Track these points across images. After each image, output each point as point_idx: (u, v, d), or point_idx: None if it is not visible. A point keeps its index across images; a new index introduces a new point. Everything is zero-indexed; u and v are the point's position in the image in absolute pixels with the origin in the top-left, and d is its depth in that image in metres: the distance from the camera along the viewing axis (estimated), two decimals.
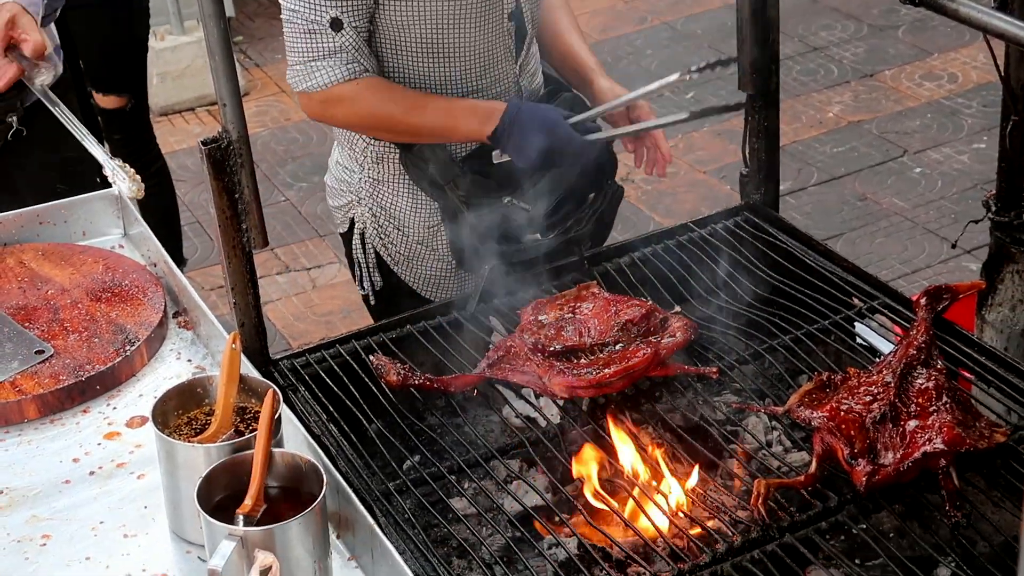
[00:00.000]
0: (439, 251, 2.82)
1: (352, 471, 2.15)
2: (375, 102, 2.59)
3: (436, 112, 2.61)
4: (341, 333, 2.55)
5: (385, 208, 2.80)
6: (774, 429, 2.38)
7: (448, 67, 2.63)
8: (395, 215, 2.80)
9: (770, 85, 2.74)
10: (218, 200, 2.21)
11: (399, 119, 2.60)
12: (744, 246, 2.68)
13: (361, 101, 2.58)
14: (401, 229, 2.81)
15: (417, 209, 2.77)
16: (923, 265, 4.83)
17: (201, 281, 4.95)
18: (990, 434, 2.09)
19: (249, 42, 6.97)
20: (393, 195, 2.78)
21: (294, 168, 5.82)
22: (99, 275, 2.54)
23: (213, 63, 2.13)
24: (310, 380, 2.39)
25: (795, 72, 6.20)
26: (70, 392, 2.25)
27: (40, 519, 2.01)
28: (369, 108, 2.59)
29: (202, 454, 1.89)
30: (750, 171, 2.83)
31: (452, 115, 2.61)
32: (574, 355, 2.30)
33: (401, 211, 2.79)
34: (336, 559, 1.90)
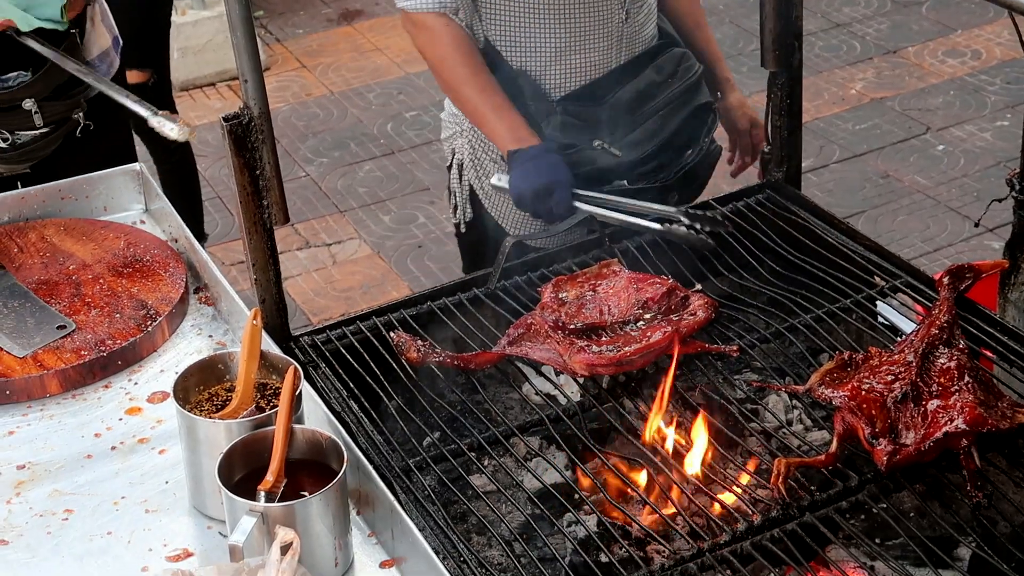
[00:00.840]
0: None
1: (372, 448, 2.15)
2: (449, 51, 2.70)
3: (485, 100, 2.71)
4: (361, 309, 2.55)
5: (484, 141, 2.89)
6: (794, 408, 2.37)
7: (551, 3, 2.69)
8: (493, 148, 2.88)
9: (793, 62, 2.72)
10: (239, 176, 2.21)
11: (455, 79, 2.72)
12: (765, 224, 2.67)
13: (439, 40, 2.70)
14: (497, 162, 2.89)
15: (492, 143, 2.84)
16: (945, 243, 4.81)
17: (222, 256, 4.96)
18: (1012, 414, 2.08)
19: (270, 17, 6.97)
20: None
21: (315, 143, 5.82)
22: (120, 250, 2.55)
23: (234, 38, 2.12)
24: (331, 356, 2.39)
25: (817, 48, 6.16)
26: (92, 367, 2.25)
27: (62, 494, 2.02)
28: (441, 51, 2.71)
29: (223, 430, 1.89)
30: (772, 148, 2.82)
31: (496, 113, 2.70)
32: (594, 333, 2.29)
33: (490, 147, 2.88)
34: (356, 535, 1.91)
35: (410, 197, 5.41)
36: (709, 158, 2.90)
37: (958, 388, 2.09)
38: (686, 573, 1.93)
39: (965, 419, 2.02)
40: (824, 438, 2.27)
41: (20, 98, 2.88)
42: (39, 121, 2.89)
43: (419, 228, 5.19)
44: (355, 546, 1.88)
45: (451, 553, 1.94)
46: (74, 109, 2.98)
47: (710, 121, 2.90)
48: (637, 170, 2.78)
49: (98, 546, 1.92)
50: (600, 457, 2.17)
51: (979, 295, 2.45)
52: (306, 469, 1.87)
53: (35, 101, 2.89)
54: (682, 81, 2.82)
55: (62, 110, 2.95)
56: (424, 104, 6.11)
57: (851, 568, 1.97)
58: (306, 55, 6.62)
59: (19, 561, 1.90)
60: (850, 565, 1.98)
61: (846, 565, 1.97)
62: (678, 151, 2.83)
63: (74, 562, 1.89)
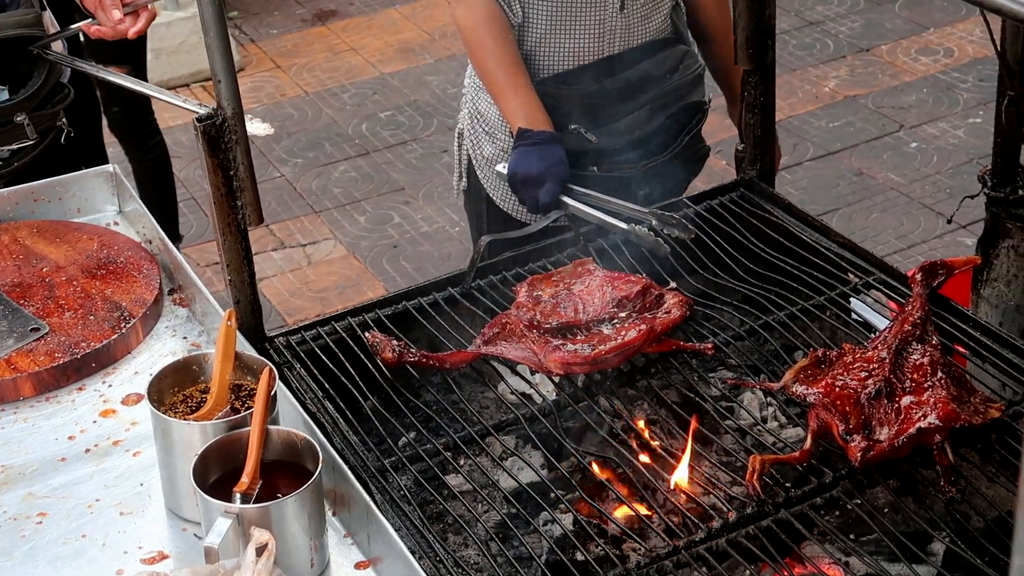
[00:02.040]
0: None
1: (348, 448, 2.15)
2: (481, 22, 2.75)
3: (507, 76, 2.76)
4: (336, 309, 2.55)
5: (481, 113, 2.95)
6: (769, 405, 2.38)
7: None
8: (487, 120, 2.94)
9: (766, 60, 2.73)
10: (213, 177, 2.20)
11: (482, 51, 2.78)
12: (740, 222, 2.68)
13: (474, 11, 2.76)
14: (491, 134, 2.94)
15: (504, 119, 2.86)
16: (919, 240, 4.83)
17: (196, 258, 4.95)
18: (985, 409, 2.10)
19: (244, 17, 6.95)
20: (488, 103, 2.92)
21: (289, 144, 5.81)
22: (94, 252, 2.54)
23: (207, 38, 2.12)
24: (305, 357, 2.38)
25: (791, 47, 6.18)
26: (65, 370, 2.24)
27: (36, 497, 2.01)
28: (473, 22, 2.77)
29: (198, 432, 1.89)
30: (746, 146, 2.83)
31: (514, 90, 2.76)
32: (569, 332, 2.30)
33: (492, 118, 2.92)
34: (332, 536, 1.90)
35: (385, 197, 5.41)
36: (690, 157, 2.90)
37: (931, 384, 2.10)
38: (662, 571, 1.93)
39: (938, 415, 2.03)
40: (798, 435, 2.28)
41: (10, 114, 2.87)
42: (31, 133, 2.88)
43: (394, 228, 5.19)
44: (331, 547, 1.88)
45: (427, 553, 1.94)
46: (59, 117, 2.97)
47: (695, 120, 2.91)
48: (612, 159, 2.80)
49: (72, 549, 1.91)
50: (576, 456, 2.17)
51: (952, 292, 2.46)
52: (281, 470, 1.87)
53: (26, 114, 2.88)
54: (681, 77, 2.84)
55: (46, 119, 2.94)
56: (399, 104, 6.10)
57: (826, 564, 1.98)
58: (280, 55, 6.61)
59: None
60: (825, 561, 1.99)
61: (821, 561, 1.98)
62: (659, 146, 2.84)
63: (48, 565, 1.89)
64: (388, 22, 6.91)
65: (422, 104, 6.08)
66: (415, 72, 6.38)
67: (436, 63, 6.41)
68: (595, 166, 2.82)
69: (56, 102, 2.96)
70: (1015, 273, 2.73)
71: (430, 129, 5.83)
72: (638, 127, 2.81)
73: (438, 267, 4.81)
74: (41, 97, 2.90)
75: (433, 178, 5.45)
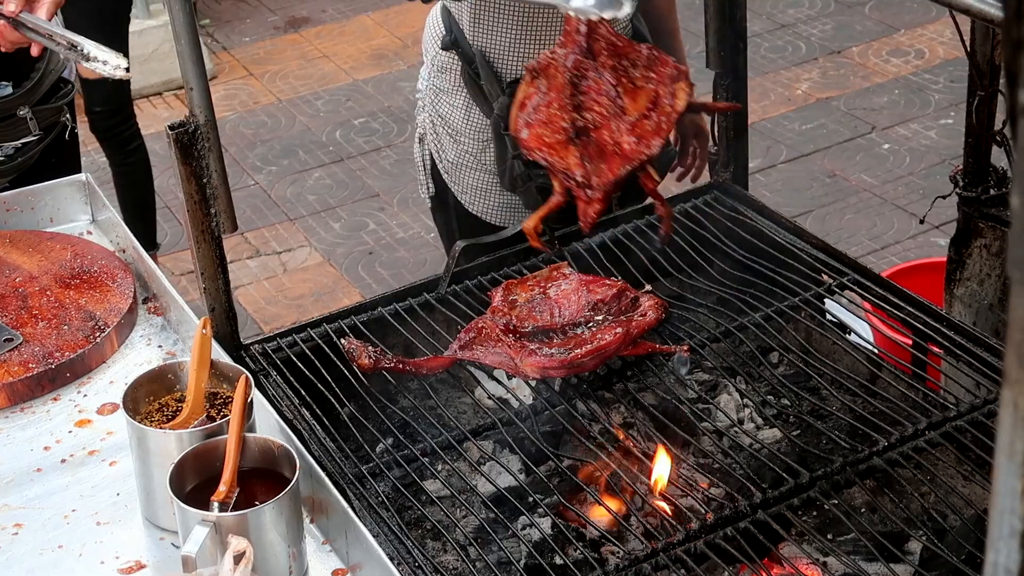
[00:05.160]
0: (487, 165, 2.90)
1: (325, 455, 2.15)
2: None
3: None
4: (312, 316, 2.54)
5: (443, 116, 2.93)
6: (746, 407, 2.39)
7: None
8: (451, 124, 2.92)
9: (738, 63, 2.74)
10: (186, 185, 2.20)
11: None
12: (714, 224, 2.69)
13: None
14: (454, 137, 2.92)
15: (470, 122, 2.87)
16: (892, 241, 4.85)
17: (171, 266, 4.93)
18: (673, 97, 2.28)
19: (216, 25, 6.93)
20: (451, 106, 2.91)
21: (263, 151, 5.80)
22: (67, 262, 2.53)
23: (179, 46, 2.11)
24: (281, 364, 2.38)
25: (763, 49, 6.21)
26: (40, 380, 2.23)
27: (11, 508, 2.00)
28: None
29: (174, 440, 1.88)
30: (719, 149, 2.84)
31: None
32: (545, 336, 2.30)
33: (456, 121, 2.91)
34: (310, 543, 1.90)
35: (360, 204, 5.40)
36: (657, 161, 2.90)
37: (616, 111, 2.22)
38: (640, 573, 1.94)
39: (639, 145, 2.22)
40: (775, 436, 2.29)
41: (13, 108, 2.86)
42: (34, 127, 2.87)
43: (369, 235, 5.18)
44: (309, 554, 1.88)
45: (406, 559, 1.94)
46: (61, 113, 2.96)
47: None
48: None
49: (49, 560, 1.90)
50: (553, 460, 2.17)
51: (926, 291, 2.47)
52: (259, 478, 1.86)
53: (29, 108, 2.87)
54: None
55: (50, 114, 2.93)
56: (372, 110, 6.10)
57: (804, 564, 1.99)
58: (253, 63, 6.60)
59: None
60: (803, 561, 2.00)
61: (799, 561, 1.99)
62: None
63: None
64: (360, 29, 6.90)
65: (395, 110, 6.08)
66: (388, 78, 6.38)
67: (409, 69, 6.41)
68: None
69: (59, 97, 2.95)
70: (988, 272, 2.74)
71: (404, 135, 5.83)
72: None
73: (414, 273, 4.80)
74: (43, 92, 2.89)
75: (408, 184, 5.45)
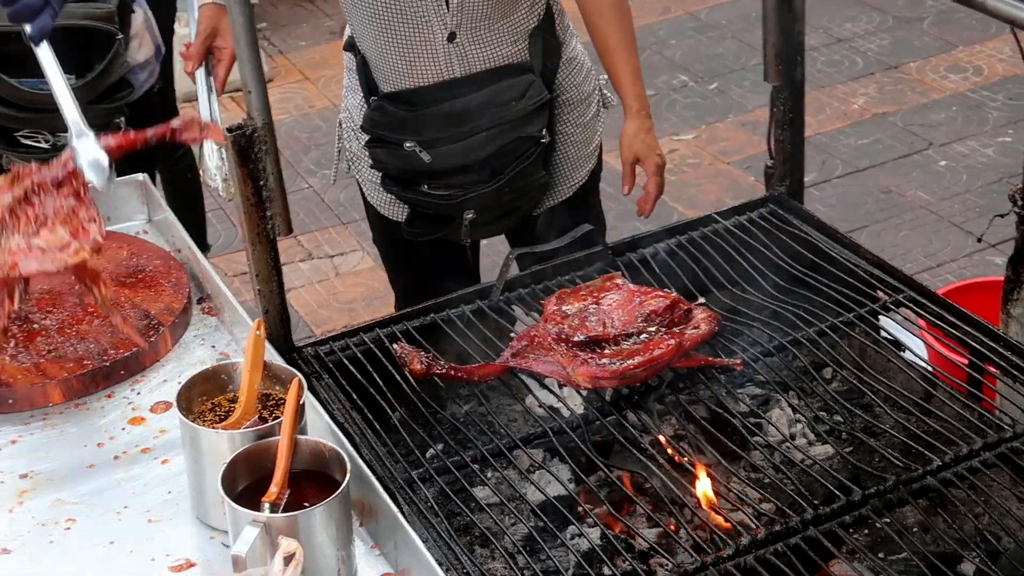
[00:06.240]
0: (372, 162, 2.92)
1: (375, 459, 2.15)
2: None
3: None
4: (364, 321, 2.55)
5: (349, 110, 2.99)
6: (798, 422, 2.37)
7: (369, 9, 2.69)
8: (354, 118, 2.96)
9: (795, 76, 2.73)
10: (242, 187, 2.21)
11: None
12: (769, 238, 2.68)
13: None
14: (355, 131, 2.96)
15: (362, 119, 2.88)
16: (948, 259, 4.80)
17: (224, 267, 4.96)
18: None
19: (272, 29, 6.97)
20: (353, 103, 2.95)
21: (317, 155, 5.82)
22: (124, 260, 2.55)
23: (238, 49, 2.13)
24: (334, 368, 2.39)
25: (820, 63, 6.17)
26: (94, 377, 2.25)
27: (65, 503, 2.01)
28: None
29: (226, 440, 1.89)
30: (775, 162, 2.83)
31: None
32: (598, 345, 2.29)
33: (356, 117, 2.93)
34: (359, 546, 1.90)
35: None
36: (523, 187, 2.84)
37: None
38: None
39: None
40: (827, 452, 2.27)
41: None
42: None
43: None
44: (358, 557, 1.88)
45: (454, 565, 1.94)
46: (116, 114, 2.99)
47: (528, 154, 2.80)
48: (443, 179, 2.78)
49: (100, 555, 1.91)
50: (603, 470, 2.17)
51: (982, 310, 2.45)
52: (309, 480, 1.87)
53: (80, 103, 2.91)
54: (524, 106, 2.75)
55: (105, 114, 2.96)
56: None
57: None
58: (309, 67, 6.63)
59: (21, 570, 1.89)
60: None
61: None
62: (492, 173, 2.78)
63: (76, 571, 1.89)
64: None
65: None
66: None
67: None
68: (425, 184, 2.80)
69: (116, 98, 2.98)
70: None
71: None
72: (472, 151, 2.74)
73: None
74: (101, 90, 2.92)
75: None
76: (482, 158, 2.74)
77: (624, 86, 2.87)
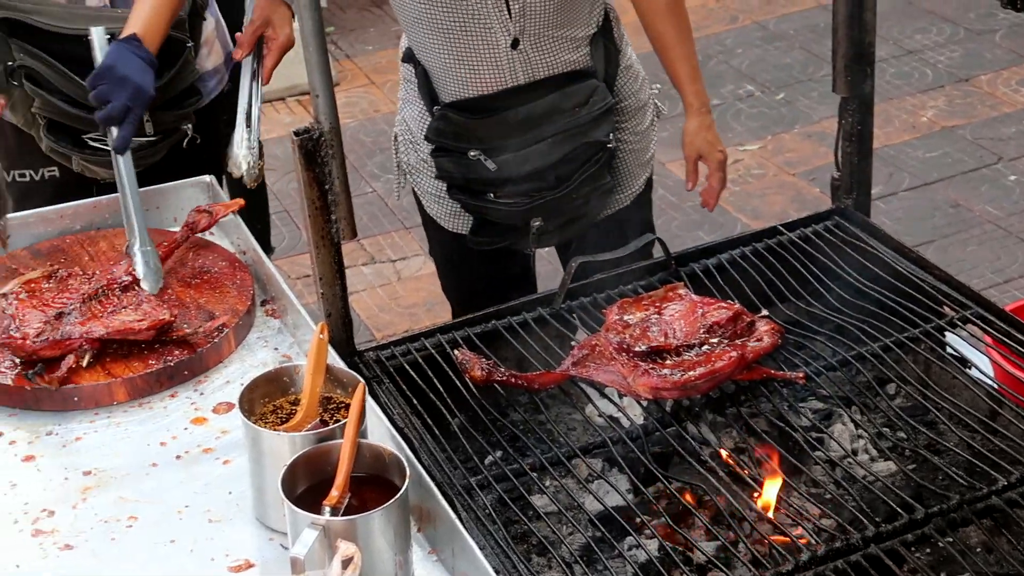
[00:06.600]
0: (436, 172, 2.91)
1: (434, 464, 2.16)
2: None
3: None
4: (425, 326, 2.56)
5: (406, 122, 2.97)
6: (860, 438, 2.35)
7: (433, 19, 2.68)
8: (411, 129, 2.94)
9: (864, 88, 2.70)
10: (308, 191, 2.22)
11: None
12: (834, 251, 2.65)
13: None
14: (413, 143, 2.94)
15: (424, 130, 2.86)
16: (1016, 275, 4.74)
17: (287, 270, 4.99)
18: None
19: (340, 33, 7.01)
20: (412, 113, 2.93)
21: (382, 159, 5.85)
22: (189, 261, 2.57)
23: (307, 53, 2.14)
24: (395, 372, 2.39)
25: (889, 75, 6.11)
26: (159, 376, 2.27)
27: (127, 500, 2.03)
28: None
29: (287, 443, 1.90)
30: (841, 175, 2.80)
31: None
32: (659, 356, 2.28)
33: (415, 128, 2.92)
34: (417, 552, 1.90)
35: None
36: (589, 193, 2.83)
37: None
38: None
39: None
40: (889, 469, 2.25)
41: None
42: (149, 129, 2.92)
43: None
44: (415, 563, 1.88)
45: (511, 573, 1.94)
46: (184, 121, 3.02)
47: (595, 160, 2.79)
48: (509, 188, 2.77)
49: (161, 554, 1.93)
50: (663, 481, 2.16)
51: None
52: (368, 484, 1.87)
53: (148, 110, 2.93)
54: (588, 112, 2.75)
55: (172, 120, 2.98)
56: None
57: None
58: (375, 72, 6.66)
59: (83, 566, 1.91)
60: None
61: None
62: (557, 180, 2.77)
63: (137, 568, 1.91)
64: None
65: None
66: None
67: None
68: (491, 193, 2.79)
69: (184, 105, 3.01)
70: None
71: None
72: (538, 159, 2.73)
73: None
74: (170, 96, 2.95)
75: None
76: (547, 165, 2.74)
77: (684, 84, 2.86)
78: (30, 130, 2.94)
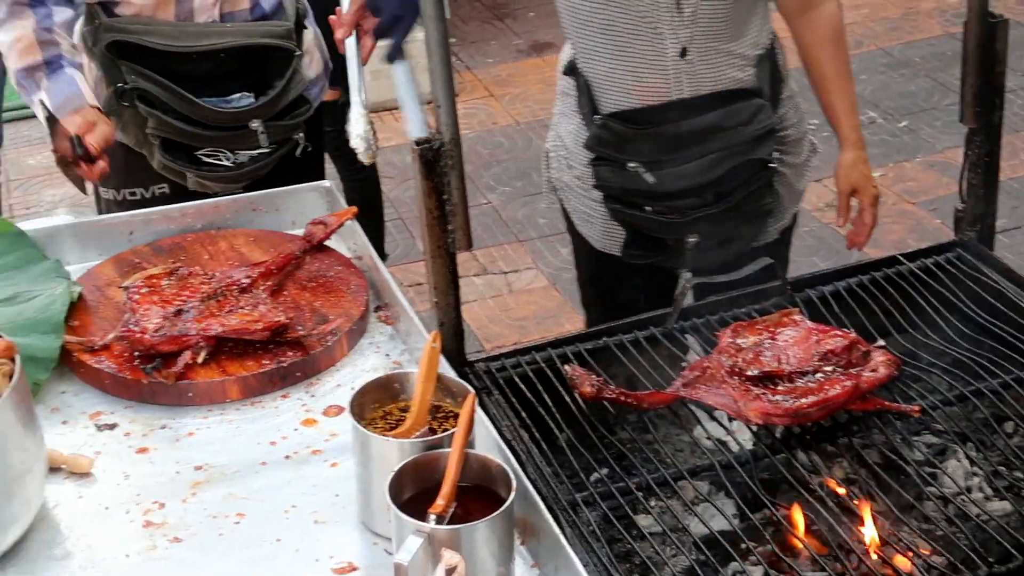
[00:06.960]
0: (591, 190, 2.88)
1: (540, 479, 2.15)
2: None
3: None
4: (535, 339, 2.56)
5: (561, 137, 2.95)
6: (975, 476, 2.30)
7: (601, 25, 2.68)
8: (566, 145, 2.93)
9: (993, 119, 2.65)
10: (426, 200, 2.23)
11: None
12: (954, 283, 2.61)
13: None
14: (568, 159, 2.93)
15: (580, 144, 2.84)
16: None
17: (400, 277, 5.04)
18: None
19: (461, 45, 7.07)
20: (567, 130, 2.92)
21: (498, 172, 5.88)
22: (306, 265, 2.60)
23: (431, 63, 2.15)
24: (504, 384, 2.40)
25: (1016, 107, 6.00)
26: (271, 377, 2.30)
27: (236, 497, 2.06)
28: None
29: (396, 448, 1.91)
30: (966, 206, 2.75)
31: None
32: (771, 381, 2.26)
33: (571, 144, 2.90)
34: (519, 565, 1.90)
35: None
36: (750, 212, 2.80)
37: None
38: None
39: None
40: (1005, 508, 2.19)
41: (247, 119, 2.95)
42: (264, 141, 2.96)
43: None
44: (517, 575, 1.88)
45: None
46: (296, 130, 3.05)
47: (757, 178, 2.77)
48: (666, 202, 2.75)
49: (267, 552, 1.95)
50: (770, 507, 2.13)
51: None
52: (473, 494, 1.87)
53: (262, 121, 2.96)
54: (752, 131, 2.72)
55: (285, 131, 3.02)
56: None
57: None
58: (495, 84, 6.70)
59: (190, 560, 1.94)
60: None
61: None
62: (716, 197, 2.75)
63: (241, 565, 1.93)
64: None
65: None
66: None
67: None
68: (648, 206, 2.77)
69: (295, 115, 3.04)
70: None
71: None
72: (699, 175, 2.71)
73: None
74: (281, 107, 2.98)
75: None
76: (707, 182, 2.72)
77: (840, 117, 2.84)
78: (141, 149, 2.98)
